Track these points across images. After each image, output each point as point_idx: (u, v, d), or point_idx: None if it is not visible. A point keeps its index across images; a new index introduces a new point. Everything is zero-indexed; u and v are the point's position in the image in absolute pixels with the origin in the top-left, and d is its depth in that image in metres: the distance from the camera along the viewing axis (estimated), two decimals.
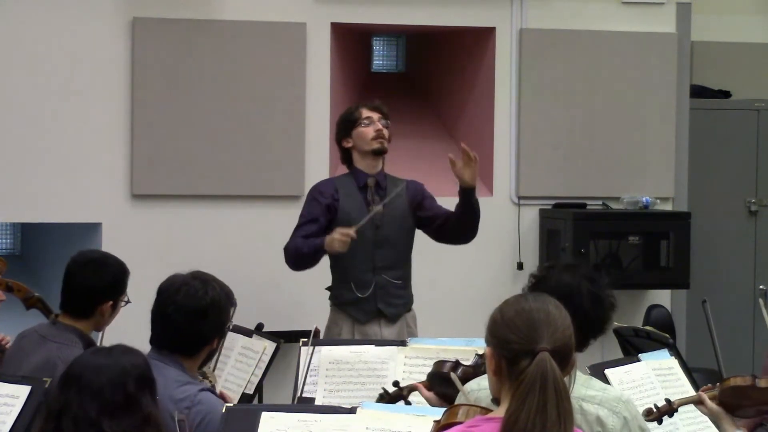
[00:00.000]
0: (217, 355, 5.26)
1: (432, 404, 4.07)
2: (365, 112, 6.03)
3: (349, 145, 6.05)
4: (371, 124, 6.00)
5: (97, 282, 4.77)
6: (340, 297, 6.03)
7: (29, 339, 4.79)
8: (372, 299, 5.97)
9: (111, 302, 4.78)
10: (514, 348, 2.85)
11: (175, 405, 4.07)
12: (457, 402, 3.50)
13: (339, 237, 5.80)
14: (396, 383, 4.32)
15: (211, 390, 4.31)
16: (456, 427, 2.94)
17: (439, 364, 4.16)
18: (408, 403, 4.25)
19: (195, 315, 4.19)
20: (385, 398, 4.29)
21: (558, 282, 3.75)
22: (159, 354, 4.19)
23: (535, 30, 7.57)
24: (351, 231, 5.81)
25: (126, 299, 4.87)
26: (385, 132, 6.02)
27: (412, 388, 4.27)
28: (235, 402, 4.98)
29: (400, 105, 7.60)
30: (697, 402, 4.35)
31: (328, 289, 6.10)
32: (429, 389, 4.20)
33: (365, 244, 5.92)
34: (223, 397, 4.64)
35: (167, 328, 4.22)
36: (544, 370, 2.77)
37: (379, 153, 6.03)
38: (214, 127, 7.11)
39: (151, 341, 4.26)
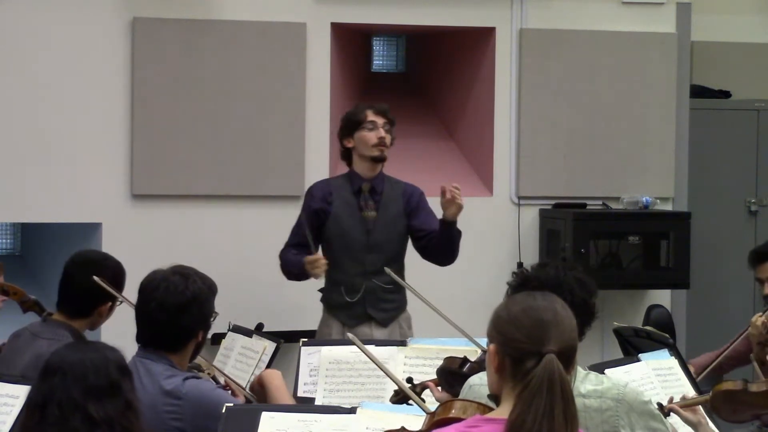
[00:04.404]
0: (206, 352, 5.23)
1: None
2: (370, 115, 6.03)
3: (350, 145, 6.07)
4: (374, 130, 6.00)
5: (97, 284, 4.76)
6: (330, 300, 6.05)
7: (22, 338, 4.79)
8: (361, 304, 5.97)
9: (110, 304, 4.79)
10: (521, 347, 2.79)
11: (165, 397, 4.06)
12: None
13: (310, 269, 5.92)
14: (410, 380, 4.33)
15: (198, 378, 4.29)
16: (454, 425, 2.89)
17: (449, 360, 4.18)
18: (423, 400, 4.25)
19: (177, 310, 4.15)
20: (400, 395, 4.29)
21: (545, 276, 3.76)
22: (145, 351, 4.18)
23: (535, 30, 7.57)
24: (317, 258, 5.91)
25: (120, 300, 4.86)
26: (388, 139, 6.03)
27: (424, 387, 4.27)
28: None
29: (400, 105, 7.60)
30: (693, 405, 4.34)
31: (321, 290, 6.12)
32: (437, 385, 4.21)
33: (357, 249, 5.93)
34: (233, 393, 4.59)
35: (151, 325, 4.20)
36: (552, 373, 2.72)
37: (378, 161, 6.04)
38: (214, 127, 7.10)
39: (137, 339, 4.25)
